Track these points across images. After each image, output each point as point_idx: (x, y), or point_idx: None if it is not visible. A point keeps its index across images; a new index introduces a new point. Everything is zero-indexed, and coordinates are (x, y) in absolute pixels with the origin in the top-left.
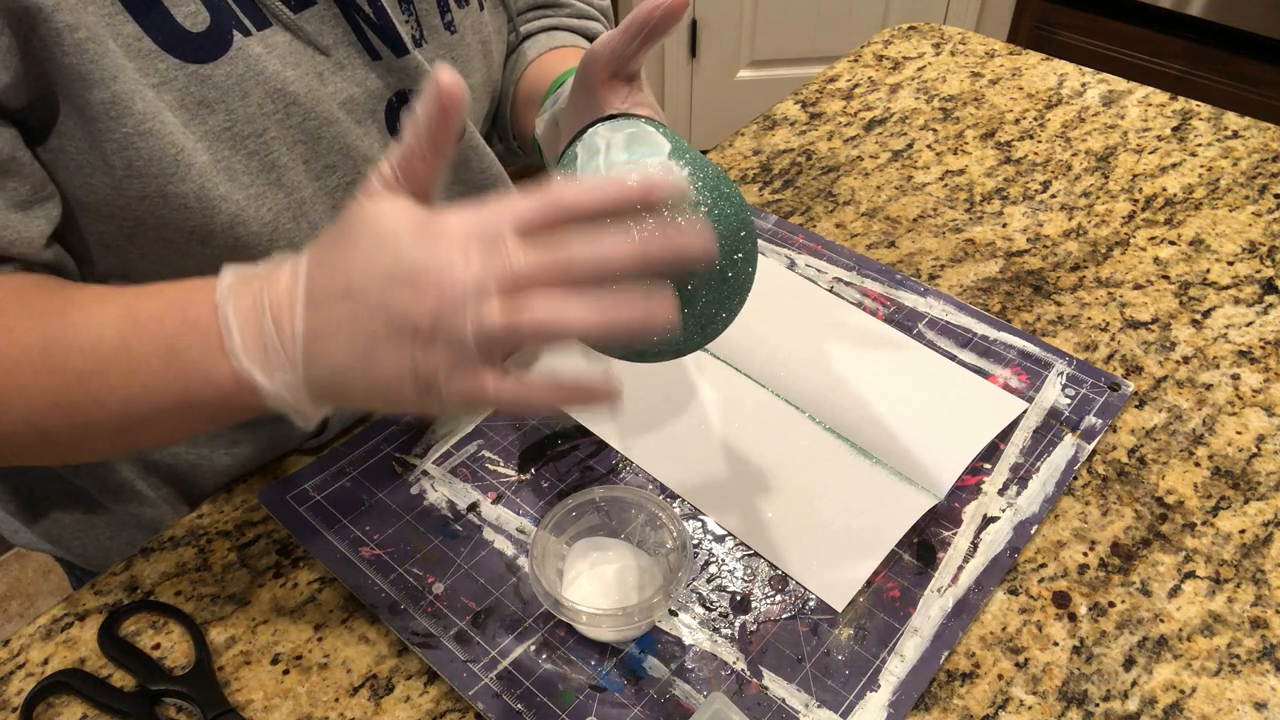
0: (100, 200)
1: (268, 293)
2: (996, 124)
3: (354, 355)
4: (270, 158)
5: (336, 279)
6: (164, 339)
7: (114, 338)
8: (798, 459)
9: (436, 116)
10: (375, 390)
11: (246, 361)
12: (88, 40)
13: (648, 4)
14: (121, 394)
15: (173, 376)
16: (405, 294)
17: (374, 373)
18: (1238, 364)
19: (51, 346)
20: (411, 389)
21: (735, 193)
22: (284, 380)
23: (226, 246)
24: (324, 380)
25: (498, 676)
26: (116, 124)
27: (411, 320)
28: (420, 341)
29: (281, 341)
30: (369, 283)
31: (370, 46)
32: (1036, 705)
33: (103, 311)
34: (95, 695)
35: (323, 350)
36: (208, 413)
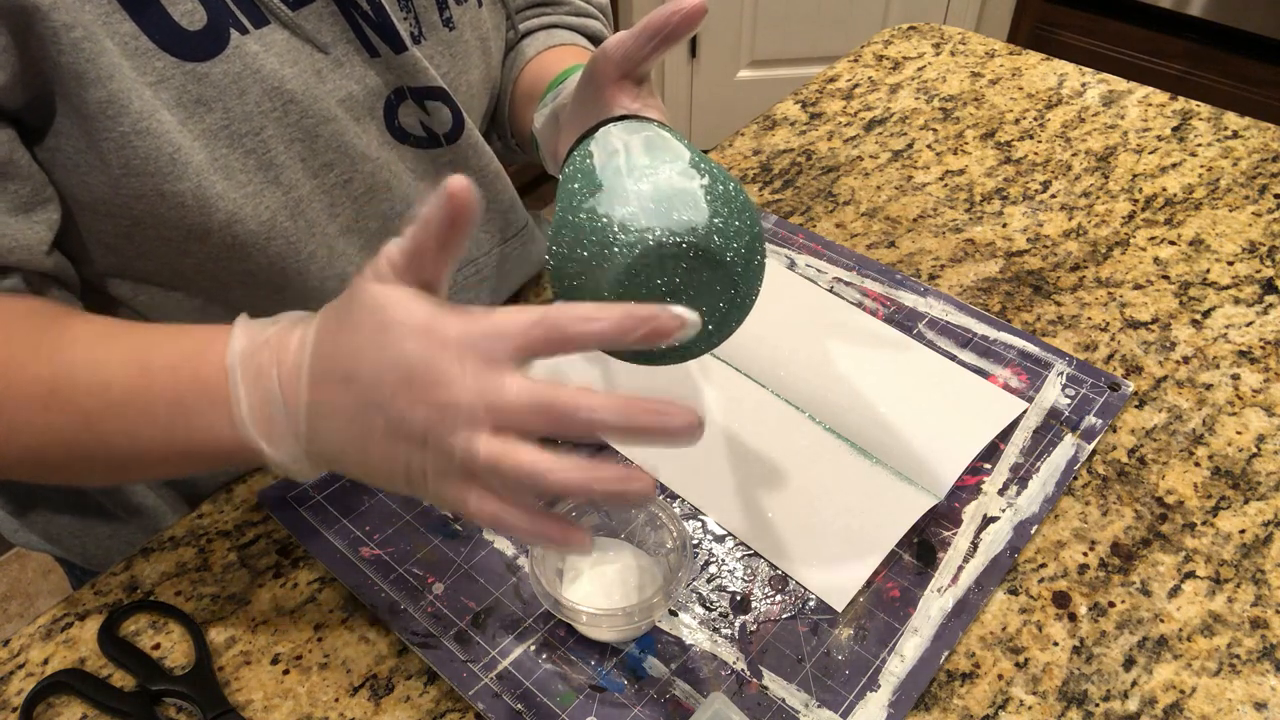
0: (97, 199)
1: (277, 363)
2: (996, 124)
3: (350, 439)
4: (268, 156)
5: (339, 360)
6: (174, 392)
7: (124, 382)
8: (798, 459)
9: (445, 224)
10: (370, 474)
11: (253, 431)
12: (84, 39)
13: (667, 7)
14: (128, 438)
15: (180, 429)
16: (402, 396)
17: (368, 460)
18: (1238, 364)
19: (60, 385)
20: (403, 481)
21: (749, 202)
22: (287, 450)
23: (224, 245)
24: (323, 454)
25: (498, 676)
26: (113, 123)
27: (407, 425)
28: (414, 444)
29: (287, 413)
30: (369, 375)
31: (369, 44)
32: (1036, 705)
33: (112, 352)
34: (95, 695)
35: (324, 428)
36: (209, 464)
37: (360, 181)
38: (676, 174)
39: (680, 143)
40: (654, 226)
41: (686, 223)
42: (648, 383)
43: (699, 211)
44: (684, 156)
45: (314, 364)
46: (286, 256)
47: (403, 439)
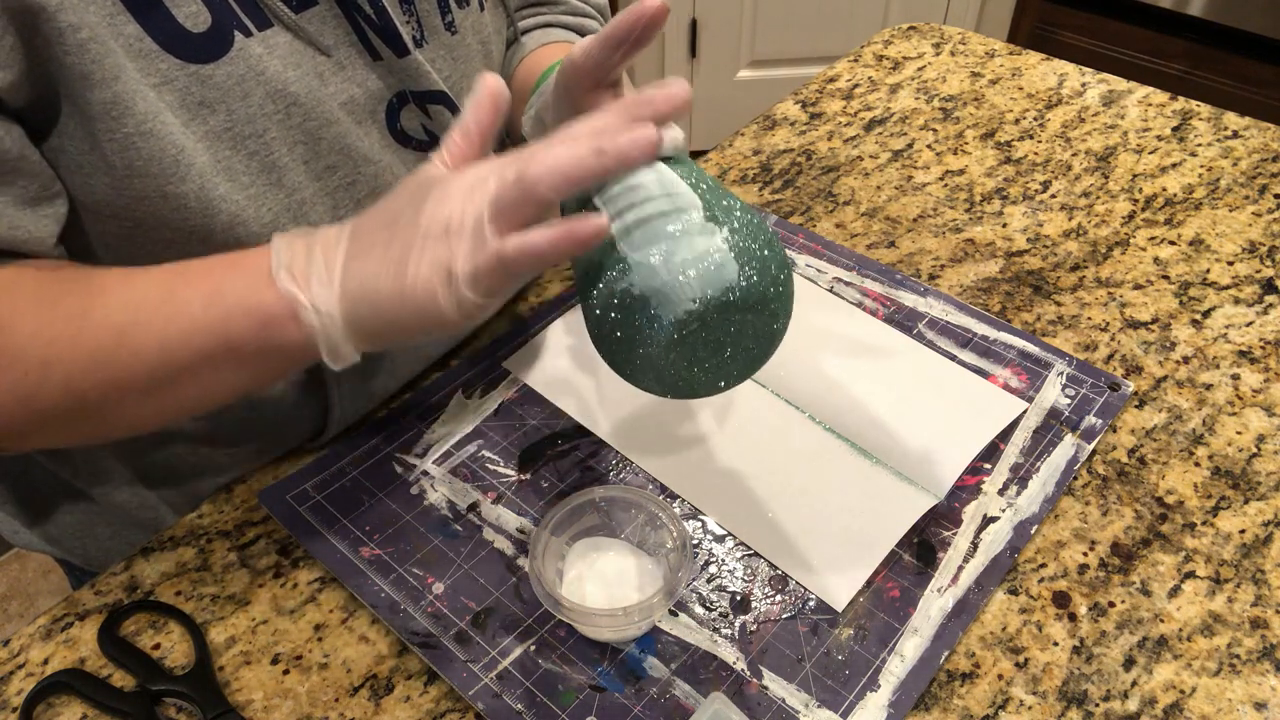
0: (100, 200)
1: (319, 235)
2: (996, 124)
3: (386, 262)
4: (271, 158)
5: (380, 216)
6: (211, 282)
7: (158, 289)
8: (798, 459)
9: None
10: (404, 294)
11: (287, 280)
12: (90, 40)
13: (629, 14)
14: (159, 342)
15: (214, 316)
16: (430, 205)
17: (402, 275)
18: (1238, 364)
19: (93, 306)
20: (439, 282)
21: (766, 228)
22: (321, 296)
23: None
24: (356, 293)
25: (498, 676)
26: (117, 124)
27: (438, 221)
28: (445, 237)
29: (326, 263)
30: (405, 207)
31: (371, 47)
32: (1036, 705)
33: (147, 275)
34: (95, 695)
35: (359, 266)
36: (244, 357)
37: (363, 184)
38: (698, 227)
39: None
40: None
41: (722, 281)
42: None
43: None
44: (696, 204)
45: (355, 228)
46: None
47: (433, 239)
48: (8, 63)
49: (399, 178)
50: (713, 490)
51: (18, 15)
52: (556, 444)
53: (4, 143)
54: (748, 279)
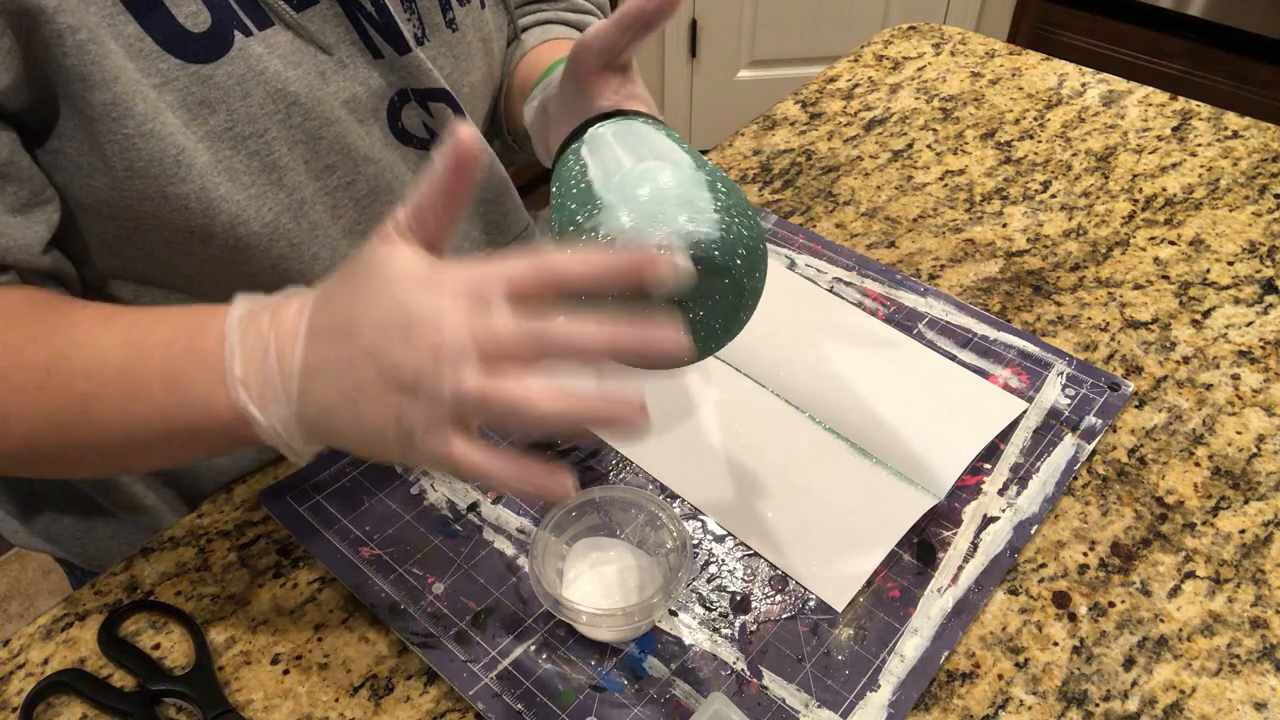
0: (100, 201)
1: (274, 326)
2: (996, 124)
3: (343, 396)
4: (271, 158)
5: (338, 317)
6: (169, 366)
7: (119, 362)
8: (798, 459)
9: (451, 171)
10: (360, 433)
11: (244, 395)
12: (89, 42)
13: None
14: (121, 418)
15: (173, 404)
16: (397, 343)
17: (359, 416)
18: (1238, 364)
19: (55, 368)
20: (394, 437)
21: (747, 202)
22: (278, 415)
23: (227, 247)
24: (314, 417)
25: (498, 676)
26: (117, 125)
27: (399, 370)
28: (405, 392)
29: (281, 376)
30: (365, 326)
31: (372, 45)
32: (1036, 705)
33: (108, 335)
34: (95, 695)
35: (316, 387)
36: (204, 441)
37: (363, 183)
38: (675, 183)
39: (672, 141)
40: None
41: (691, 235)
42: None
43: (703, 222)
44: (681, 161)
45: (311, 324)
46: (290, 258)
47: (394, 387)
48: (6, 65)
49: (399, 177)
50: (713, 490)
51: (16, 17)
52: (556, 444)
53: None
54: (718, 237)
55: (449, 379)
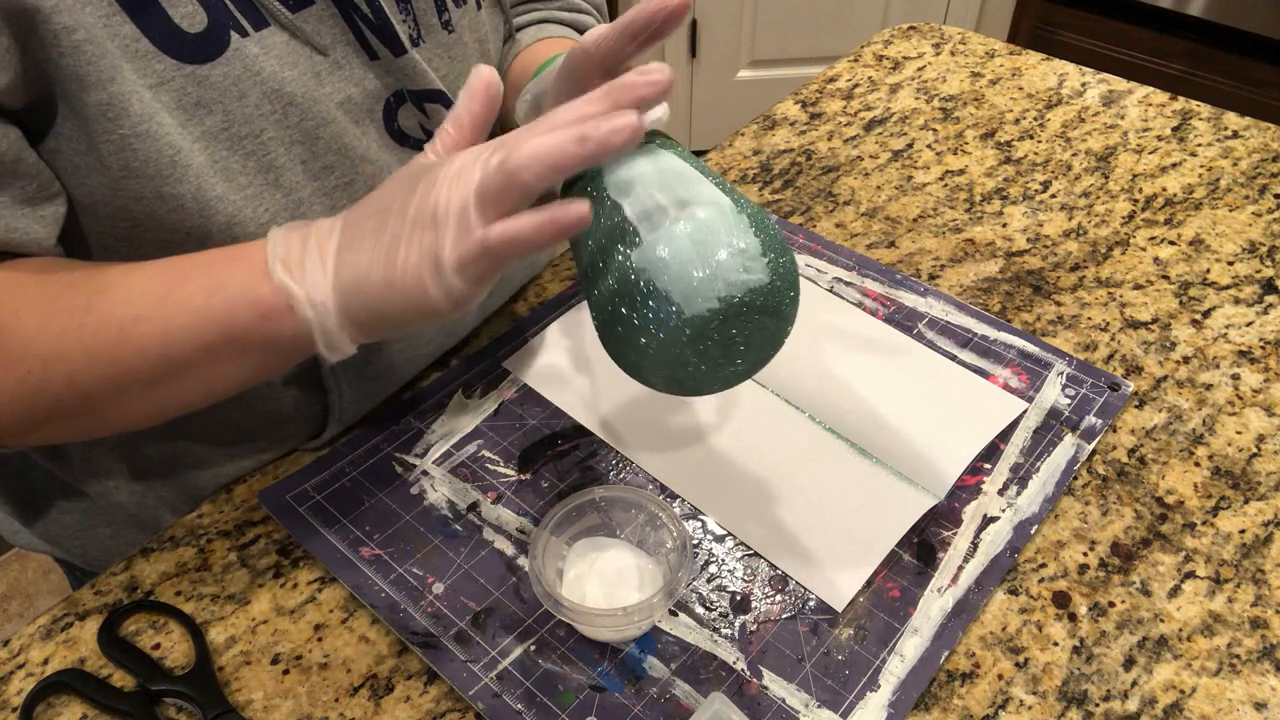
0: (97, 201)
1: (314, 228)
2: (996, 124)
3: (376, 250)
4: (268, 158)
5: (371, 205)
6: (210, 275)
7: (160, 283)
8: (798, 459)
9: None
10: (393, 282)
11: (283, 273)
12: (86, 42)
13: (649, 5)
14: (161, 336)
15: (215, 306)
16: (421, 193)
17: (392, 264)
18: (1238, 364)
19: (94, 305)
20: (427, 270)
21: (776, 229)
22: (315, 287)
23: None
24: (349, 283)
25: (498, 676)
26: (114, 125)
27: (425, 210)
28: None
29: (320, 254)
30: (395, 197)
31: (368, 46)
32: (1036, 705)
33: (147, 267)
34: (95, 695)
35: (351, 257)
36: (246, 348)
37: (361, 184)
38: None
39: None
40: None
41: (743, 283)
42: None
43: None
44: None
45: (348, 218)
46: None
47: (421, 226)
48: (3, 65)
49: None
50: (713, 490)
51: (13, 17)
52: (556, 444)
53: (1, 144)
54: (771, 281)
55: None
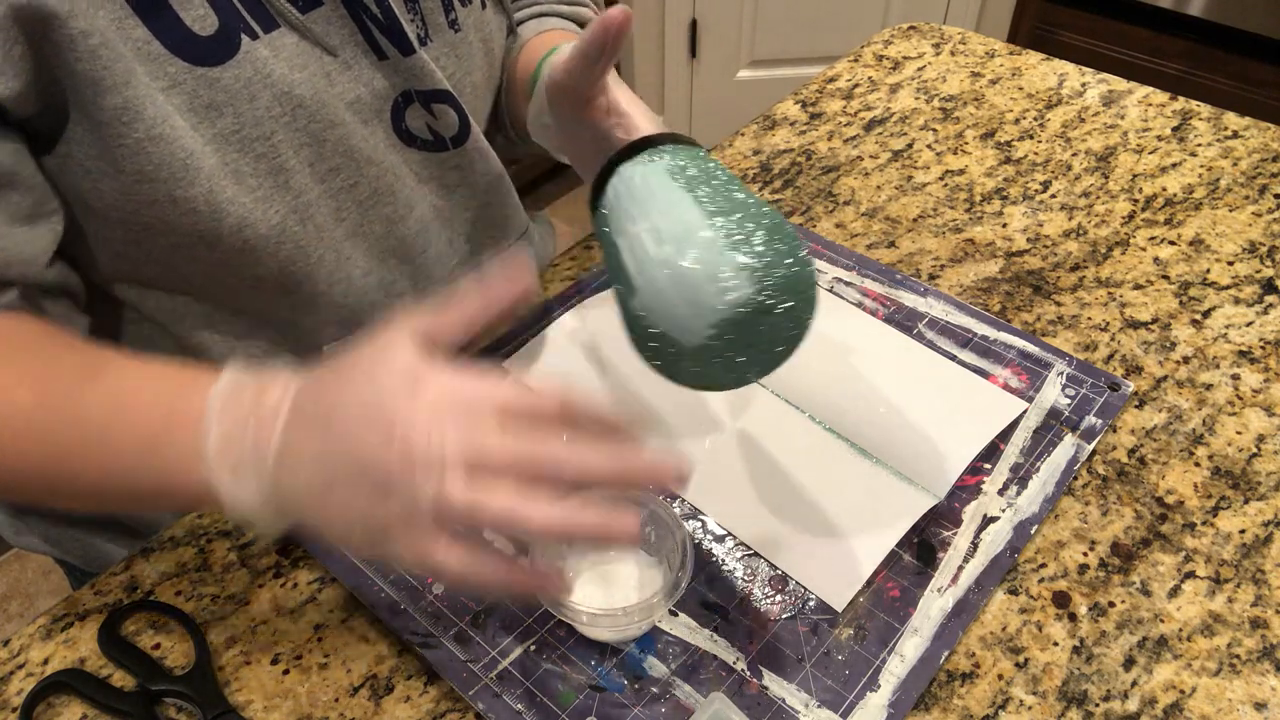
0: (108, 205)
1: (256, 406)
2: (996, 124)
3: (315, 486)
4: (278, 160)
5: (321, 405)
6: (146, 432)
7: (99, 420)
8: (798, 459)
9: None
10: (328, 524)
11: (215, 464)
12: (101, 46)
13: (597, 31)
14: (97, 473)
15: (147, 469)
16: (374, 441)
17: (328, 507)
18: (1238, 364)
19: (39, 416)
20: (360, 531)
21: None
22: (248, 490)
23: (234, 250)
24: (284, 498)
25: (498, 676)
26: (128, 129)
27: (372, 469)
28: (378, 492)
29: (255, 457)
30: (347, 419)
31: (377, 46)
32: (1036, 705)
33: (94, 390)
34: (95, 695)
35: (288, 474)
36: (174, 503)
37: (365, 186)
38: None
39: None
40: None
41: (730, 303)
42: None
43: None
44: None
45: (295, 406)
46: (296, 261)
47: (367, 486)
48: (17, 71)
49: (400, 178)
50: (713, 490)
51: (28, 23)
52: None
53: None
54: (759, 290)
55: (429, 485)
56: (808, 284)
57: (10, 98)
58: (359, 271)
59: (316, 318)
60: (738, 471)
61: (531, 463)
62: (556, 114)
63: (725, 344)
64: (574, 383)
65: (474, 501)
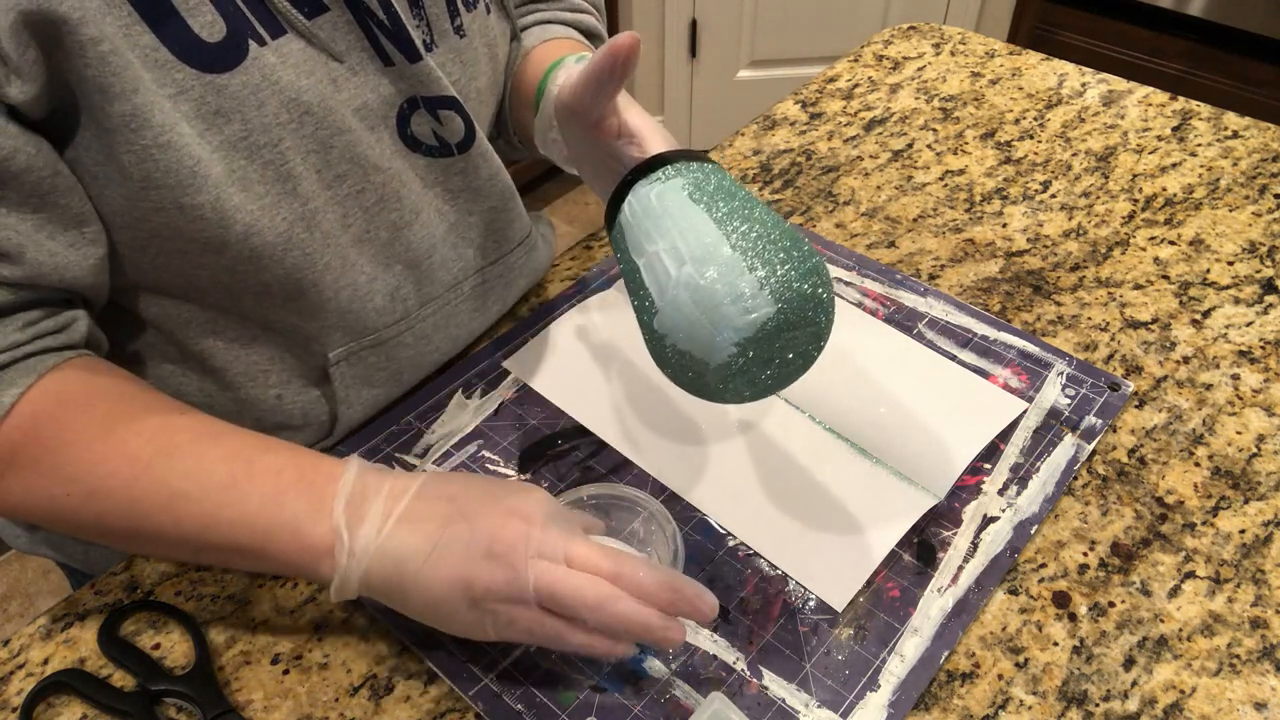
0: (114, 211)
1: (388, 481)
2: (996, 124)
3: (428, 543)
4: (285, 167)
5: (449, 487)
6: (275, 488)
7: (225, 473)
8: (798, 459)
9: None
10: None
11: (342, 518)
12: (111, 53)
13: (606, 56)
14: (202, 520)
15: (263, 520)
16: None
17: (436, 566)
18: (1238, 364)
19: (158, 464)
20: (460, 596)
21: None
22: (364, 541)
23: (241, 257)
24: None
25: (498, 676)
26: (136, 136)
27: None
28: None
29: (385, 512)
30: (470, 496)
31: (383, 52)
32: (1036, 705)
33: (219, 444)
34: (95, 695)
35: (406, 529)
36: (267, 560)
37: (371, 192)
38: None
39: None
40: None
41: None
42: (647, 384)
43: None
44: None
45: (423, 486)
46: (303, 268)
47: (480, 552)
48: (32, 75)
49: (406, 185)
50: (713, 490)
51: (40, 29)
52: (556, 444)
53: (34, 160)
54: (779, 308)
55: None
56: (826, 298)
57: (27, 102)
58: (365, 277)
59: (322, 323)
60: (738, 471)
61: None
62: (566, 133)
63: (748, 361)
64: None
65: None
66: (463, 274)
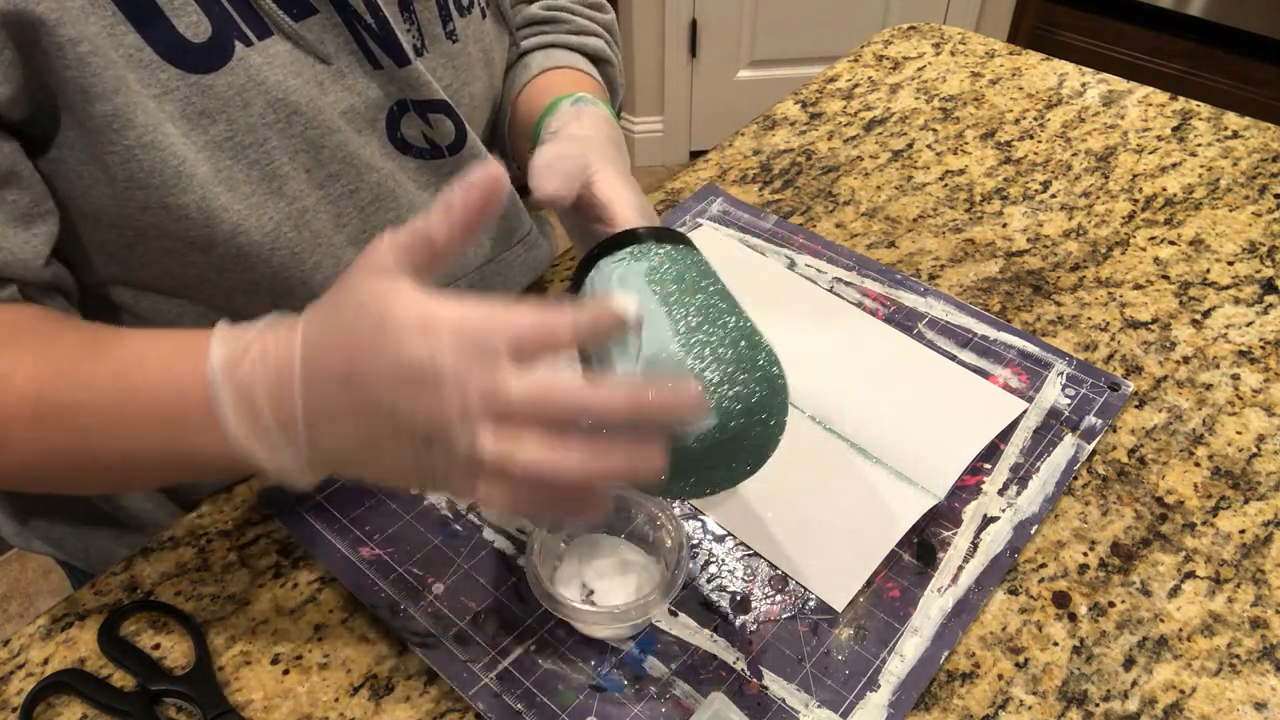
0: (101, 210)
1: (261, 373)
2: (996, 124)
3: (359, 444)
4: (271, 167)
5: (335, 363)
6: (160, 408)
7: (110, 402)
8: (798, 459)
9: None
10: (382, 473)
11: (247, 445)
12: (90, 54)
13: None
14: (121, 451)
15: (172, 439)
16: (404, 399)
17: (381, 460)
18: (1238, 364)
19: (47, 400)
20: (415, 478)
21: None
22: (287, 456)
23: (228, 256)
24: (326, 458)
25: (498, 676)
26: (118, 136)
27: (410, 425)
28: (420, 443)
29: (281, 424)
30: (370, 375)
31: (371, 56)
32: (1036, 705)
33: (97, 370)
34: (95, 695)
35: (326, 436)
36: (211, 473)
37: (366, 192)
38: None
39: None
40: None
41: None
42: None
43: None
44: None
45: (306, 370)
46: (291, 267)
47: (408, 439)
48: (6, 77)
49: (400, 184)
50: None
51: (17, 30)
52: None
53: None
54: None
55: (464, 441)
56: (776, 405)
57: (3, 103)
58: None
59: None
60: None
61: (556, 406)
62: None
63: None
64: None
65: (504, 454)
66: (460, 271)
